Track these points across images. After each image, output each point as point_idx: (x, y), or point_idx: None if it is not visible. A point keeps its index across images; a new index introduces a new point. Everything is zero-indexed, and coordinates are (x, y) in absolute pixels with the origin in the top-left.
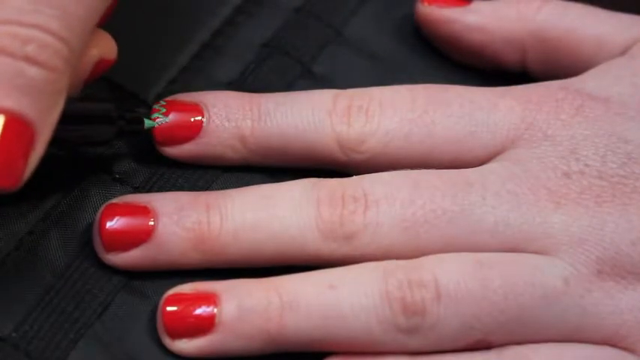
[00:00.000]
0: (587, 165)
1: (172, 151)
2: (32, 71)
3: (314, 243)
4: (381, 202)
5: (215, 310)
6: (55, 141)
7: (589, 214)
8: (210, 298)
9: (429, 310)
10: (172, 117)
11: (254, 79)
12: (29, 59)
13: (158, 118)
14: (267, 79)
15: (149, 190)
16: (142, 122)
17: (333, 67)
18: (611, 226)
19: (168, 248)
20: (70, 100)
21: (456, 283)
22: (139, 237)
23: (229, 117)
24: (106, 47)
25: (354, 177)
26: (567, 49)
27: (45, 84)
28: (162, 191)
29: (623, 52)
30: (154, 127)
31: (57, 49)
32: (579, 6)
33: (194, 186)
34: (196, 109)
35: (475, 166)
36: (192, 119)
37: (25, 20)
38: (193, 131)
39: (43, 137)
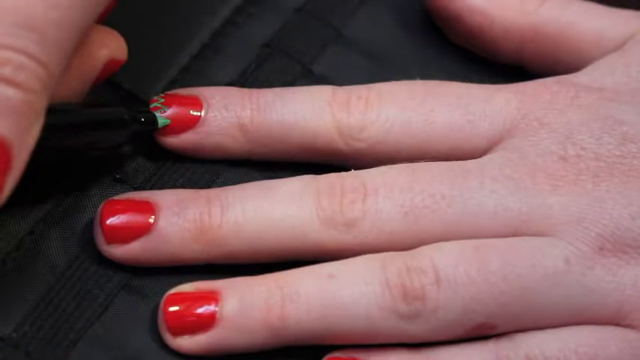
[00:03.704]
0: (583, 148)
1: (172, 141)
2: (9, 92)
3: (315, 232)
4: (379, 191)
5: (217, 307)
6: (71, 149)
7: (587, 193)
8: (211, 296)
9: (429, 296)
10: (172, 109)
11: (254, 79)
12: (6, 80)
13: (161, 111)
14: (268, 80)
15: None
16: (156, 122)
17: (333, 67)
18: (610, 203)
19: (169, 240)
20: (81, 108)
21: (454, 267)
22: (140, 229)
23: (228, 107)
24: (115, 47)
25: (353, 170)
26: (567, 43)
27: (22, 105)
28: None
29: (620, 47)
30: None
31: (35, 71)
32: (579, 2)
33: (194, 187)
34: (195, 100)
35: (473, 158)
36: (191, 109)
37: (3, 42)
38: (193, 120)
39: (20, 158)
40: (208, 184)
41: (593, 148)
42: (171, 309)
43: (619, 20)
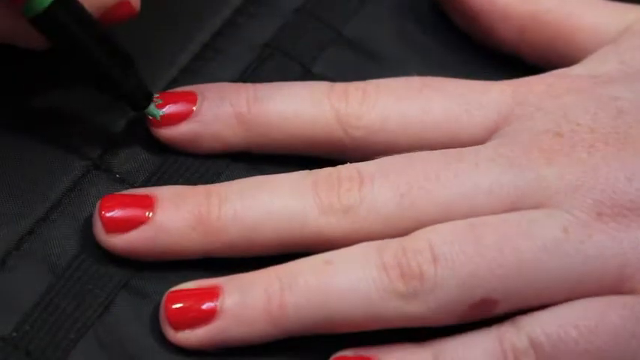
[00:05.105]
0: (578, 124)
1: (169, 132)
2: None
3: (313, 220)
4: (375, 176)
5: (218, 301)
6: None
7: (582, 162)
8: (212, 292)
9: (427, 274)
10: (168, 105)
11: (254, 79)
12: None
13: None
14: (268, 80)
15: None
16: (150, 98)
17: (333, 68)
18: (605, 169)
19: (167, 229)
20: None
21: (450, 244)
22: (139, 218)
23: (224, 97)
24: None
25: (348, 163)
26: (564, 34)
27: None
28: None
29: (616, 39)
30: (153, 116)
31: None
32: None
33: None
34: (190, 93)
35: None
36: (187, 101)
37: None
38: (189, 111)
39: None
40: (208, 184)
41: (588, 123)
42: (173, 305)
43: (617, 13)
